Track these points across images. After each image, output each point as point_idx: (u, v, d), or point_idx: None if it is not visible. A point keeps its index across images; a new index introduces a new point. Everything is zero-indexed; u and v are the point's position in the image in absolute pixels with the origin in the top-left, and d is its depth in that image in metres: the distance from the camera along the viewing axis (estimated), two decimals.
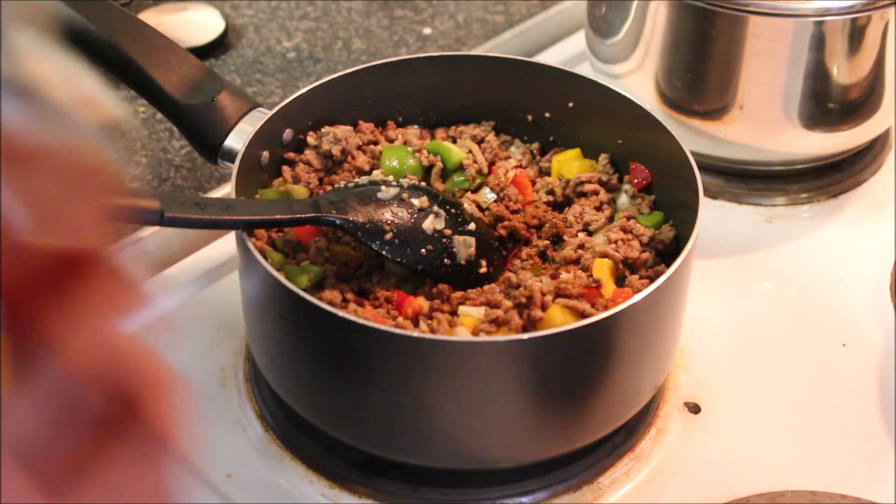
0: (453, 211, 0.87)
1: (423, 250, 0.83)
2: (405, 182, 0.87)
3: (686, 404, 0.91)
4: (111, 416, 0.43)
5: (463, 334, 0.78)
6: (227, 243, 1.03)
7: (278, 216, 0.82)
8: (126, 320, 0.43)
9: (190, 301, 0.98)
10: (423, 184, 0.90)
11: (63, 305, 0.42)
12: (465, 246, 0.85)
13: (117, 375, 0.42)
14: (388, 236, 0.82)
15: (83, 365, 0.42)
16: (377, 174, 0.91)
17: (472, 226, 0.87)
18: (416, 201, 0.85)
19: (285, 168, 0.91)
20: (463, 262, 0.85)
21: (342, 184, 0.89)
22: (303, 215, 0.82)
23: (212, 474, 0.84)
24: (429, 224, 0.84)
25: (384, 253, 0.82)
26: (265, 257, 0.79)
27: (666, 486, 0.86)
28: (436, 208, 0.85)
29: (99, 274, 0.43)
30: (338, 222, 0.82)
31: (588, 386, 0.79)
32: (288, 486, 0.84)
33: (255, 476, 0.85)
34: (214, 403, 0.90)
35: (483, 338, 0.77)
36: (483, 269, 0.85)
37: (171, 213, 0.76)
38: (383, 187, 0.85)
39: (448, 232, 0.85)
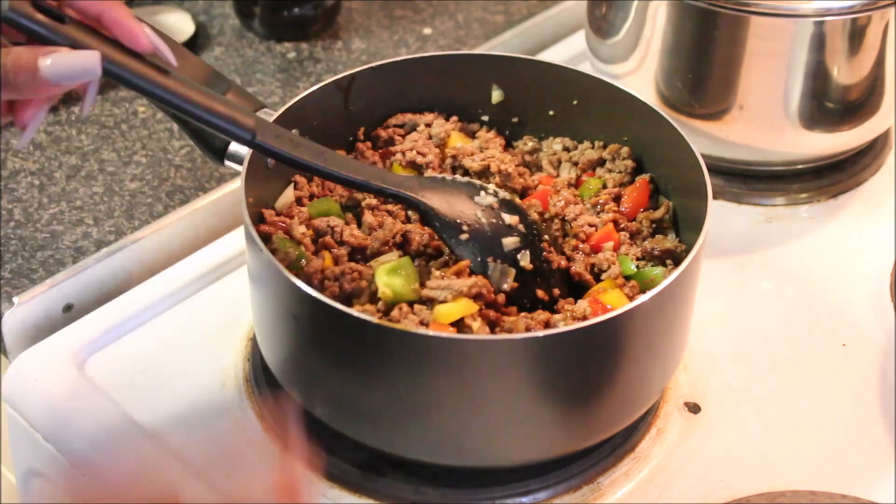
0: (530, 232, 0.85)
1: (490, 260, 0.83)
2: (503, 194, 0.86)
3: (686, 404, 0.91)
4: None
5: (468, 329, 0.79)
6: (226, 244, 1.03)
7: (365, 180, 0.81)
8: None
9: (190, 301, 0.98)
10: (517, 200, 0.89)
11: None
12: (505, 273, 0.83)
13: None
14: (464, 237, 0.82)
15: None
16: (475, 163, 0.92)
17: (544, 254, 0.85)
18: (507, 217, 0.84)
19: (299, 178, 0.91)
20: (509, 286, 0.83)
21: (441, 176, 0.88)
22: (390, 189, 0.82)
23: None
24: (510, 242, 0.83)
25: (453, 249, 0.82)
26: (273, 252, 0.79)
27: (666, 486, 0.86)
28: (521, 227, 0.84)
29: None
30: (421, 207, 0.82)
31: (594, 387, 0.79)
32: None
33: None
34: (214, 403, 0.89)
35: (494, 336, 0.78)
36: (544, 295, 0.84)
37: (262, 139, 0.76)
38: (482, 192, 0.85)
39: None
